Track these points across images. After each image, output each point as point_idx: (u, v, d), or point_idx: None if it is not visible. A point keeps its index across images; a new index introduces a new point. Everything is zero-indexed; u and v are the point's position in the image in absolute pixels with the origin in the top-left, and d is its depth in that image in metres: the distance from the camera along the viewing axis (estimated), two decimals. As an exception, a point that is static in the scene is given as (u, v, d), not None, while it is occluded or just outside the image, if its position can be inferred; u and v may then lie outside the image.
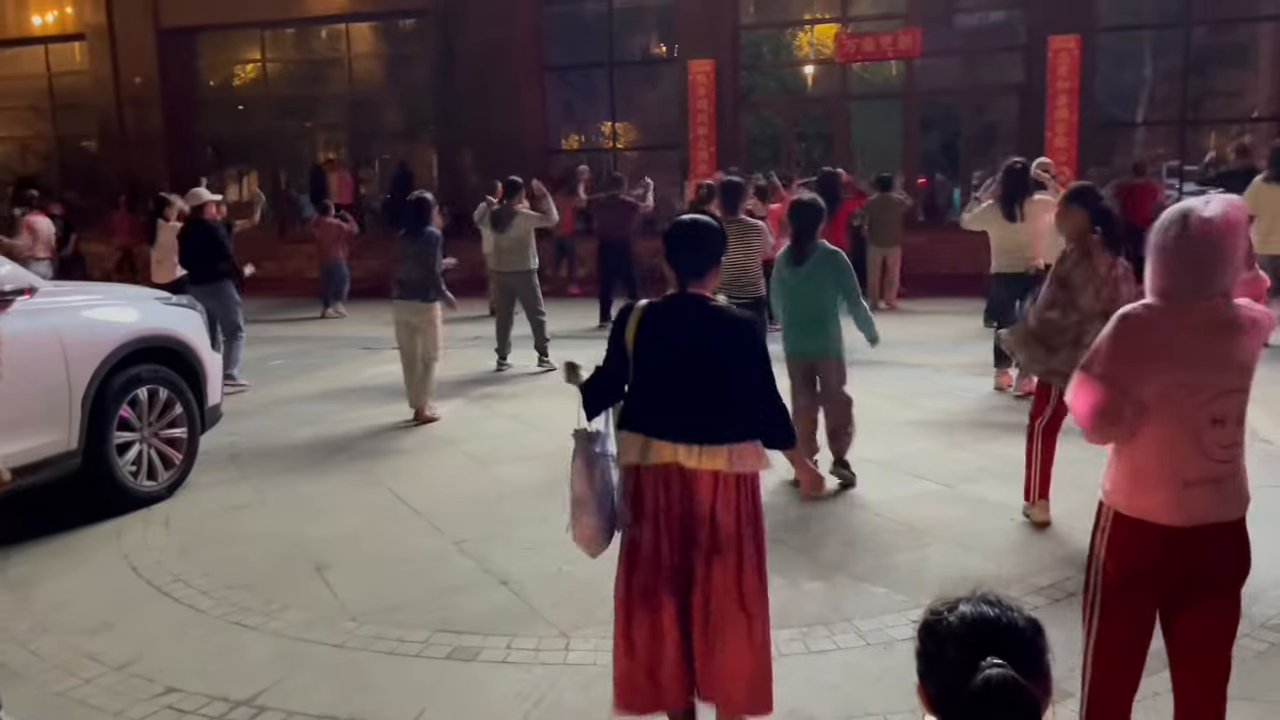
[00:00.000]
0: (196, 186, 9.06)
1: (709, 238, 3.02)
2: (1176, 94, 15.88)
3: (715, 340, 2.91)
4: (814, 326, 5.51)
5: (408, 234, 7.39)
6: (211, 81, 19.94)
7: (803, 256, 5.48)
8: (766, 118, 17.98)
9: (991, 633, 1.50)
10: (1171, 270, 2.42)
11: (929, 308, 11.99)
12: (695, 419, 2.88)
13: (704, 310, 2.97)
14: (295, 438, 7.11)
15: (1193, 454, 2.39)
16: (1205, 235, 2.36)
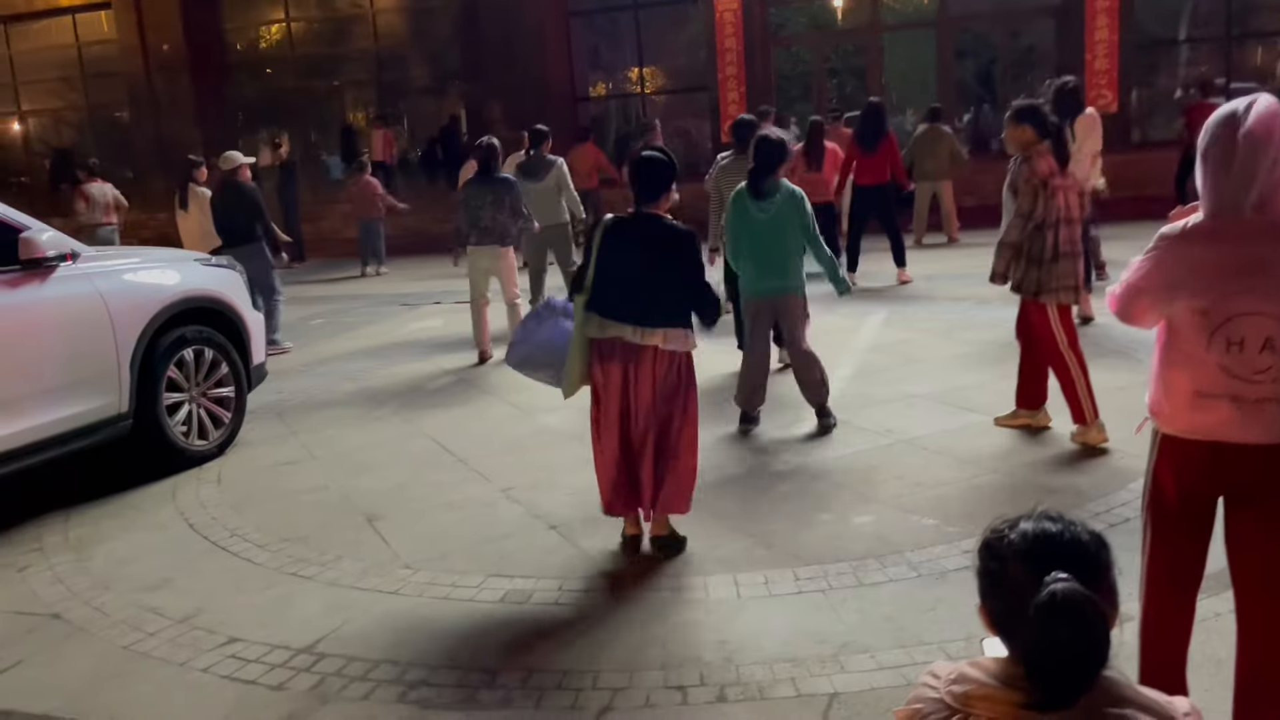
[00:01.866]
0: (228, 150, 9.07)
1: (660, 170, 3.97)
2: (1220, 9, 15.34)
3: (659, 249, 3.89)
4: (775, 265, 5.32)
5: (479, 182, 7.43)
6: (238, 45, 19.94)
7: (763, 193, 5.30)
8: (797, 54, 17.65)
9: (1055, 547, 1.46)
10: (1208, 181, 2.33)
11: (972, 239, 11.79)
12: (640, 308, 3.85)
13: (653, 226, 3.94)
14: (339, 393, 7.18)
15: (1211, 371, 2.33)
16: (1245, 140, 2.26)
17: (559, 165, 8.73)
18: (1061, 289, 4.79)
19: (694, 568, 3.91)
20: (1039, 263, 4.79)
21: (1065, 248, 4.77)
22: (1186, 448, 2.41)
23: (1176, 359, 2.40)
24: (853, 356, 6.91)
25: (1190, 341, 2.36)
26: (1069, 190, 4.81)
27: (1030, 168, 4.77)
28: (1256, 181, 2.26)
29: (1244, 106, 2.29)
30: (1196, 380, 2.36)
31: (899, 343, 7.31)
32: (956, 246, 11.57)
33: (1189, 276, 2.33)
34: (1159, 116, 15.29)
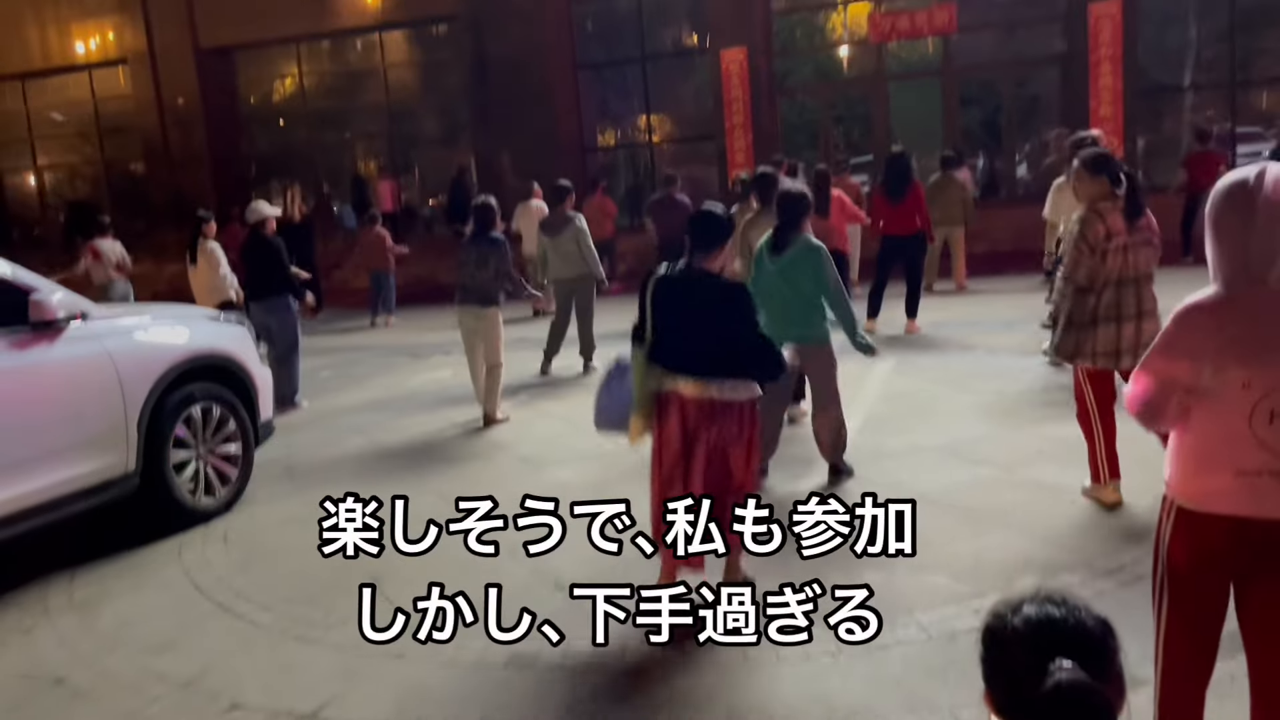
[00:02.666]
0: (255, 202, 9.12)
1: (715, 226, 4.03)
2: (1224, 55, 15.46)
3: (712, 304, 3.93)
4: (792, 315, 5.32)
5: (471, 241, 7.44)
6: (252, 98, 20.25)
7: (782, 247, 5.37)
8: (803, 103, 17.81)
9: (1059, 634, 1.43)
10: (1225, 251, 2.29)
11: (981, 286, 11.81)
12: (696, 362, 3.91)
13: (704, 281, 3.98)
14: (347, 448, 7.17)
15: (1250, 446, 2.28)
16: (1259, 208, 2.23)
17: (577, 221, 8.86)
18: (1100, 354, 4.61)
19: (700, 627, 3.86)
20: (1079, 325, 4.64)
21: (1107, 312, 4.58)
22: (1212, 523, 2.35)
23: (1210, 436, 2.34)
24: (862, 406, 6.87)
25: (1227, 417, 2.30)
26: (1136, 247, 4.56)
27: (1084, 228, 4.56)
28: (1278, 250, 2.24)
29: (1254, 175, 2.27)
30: (1234, 458, 2.30)
31: (909, 392, 7.28)
32: (965, 294, 11.58)
33: (1224, 350, 2.27)
34: (1164, 162, 15.33)
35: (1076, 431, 5.82)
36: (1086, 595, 3.78)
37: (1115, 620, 1.48)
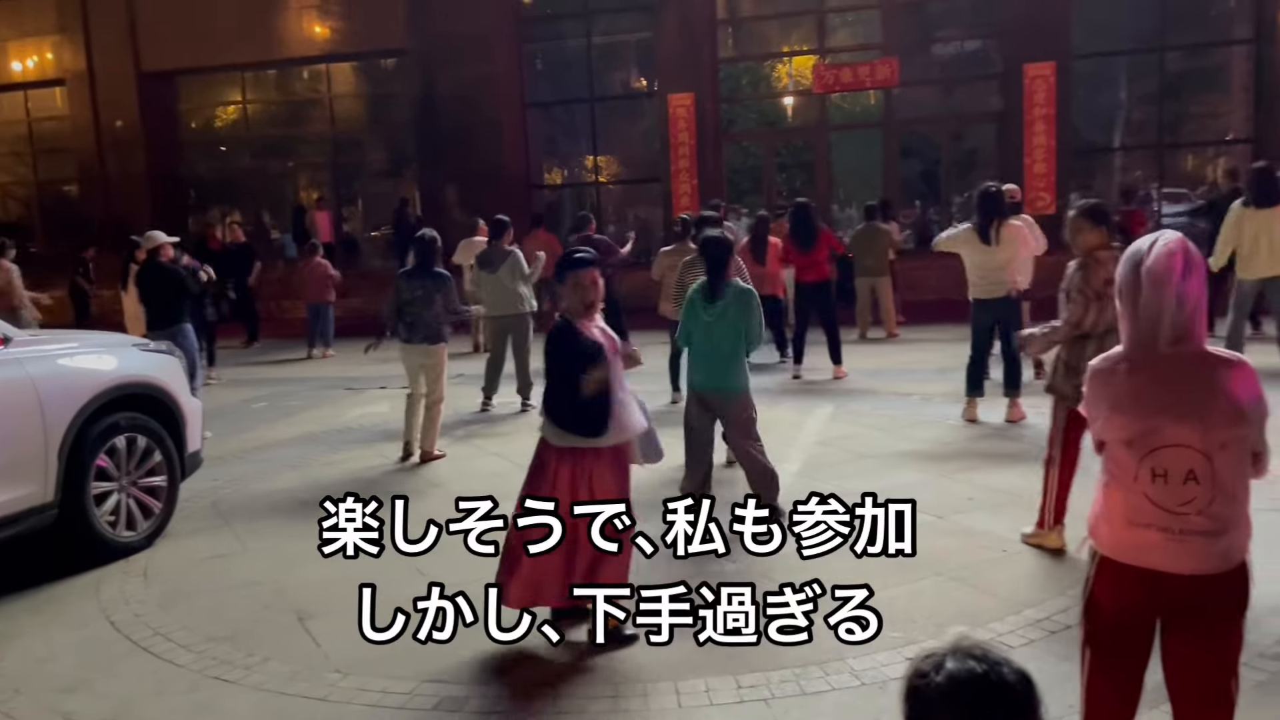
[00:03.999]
0: (151, 230, 8.87)
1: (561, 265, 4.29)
2: (1153, 118, 16.06)
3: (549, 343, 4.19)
4: (721, 362, 5.35)
5: (413, 275, 7.31)
6: (193, 123, 19.99)
7: (717, 294, 5.36)
8: (747, 149, 18.09)
9: (982, 692, 1.44)
10: (1123, 316, 2.44)
11: (917, 335, 12.00)
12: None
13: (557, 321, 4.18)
14: (278, 482, 7.01)
15: (1142, 502, 2.37)
16: (1147, 278, 2.36)
17: (514, 255, 8.82)
18: None
19: (635, 673, 3.82)
20: (1077, 371, 4.66)
21: None
22: (1123, 571, 2.43)
23: (1112, 485, 2.45)
24: (800, 450, 6.91)
25: (1121, 470, 2.41)
26: None
27: (1086, 275, 4.66)
28: (1164, 318, 2.33)
29: (1147, 245, 2.38)
30: (1128, 508, 2.40)
31: (845, 437, 7.34)
32: (896, 342, 11.72)
33: (1115, 408, 2.40)
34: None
35: (1007, 480, 5.94)
36: (1016, 644, 3.85)
37: (1042, 669, 1.49)
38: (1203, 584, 2.36)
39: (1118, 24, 16.03)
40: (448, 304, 7.25)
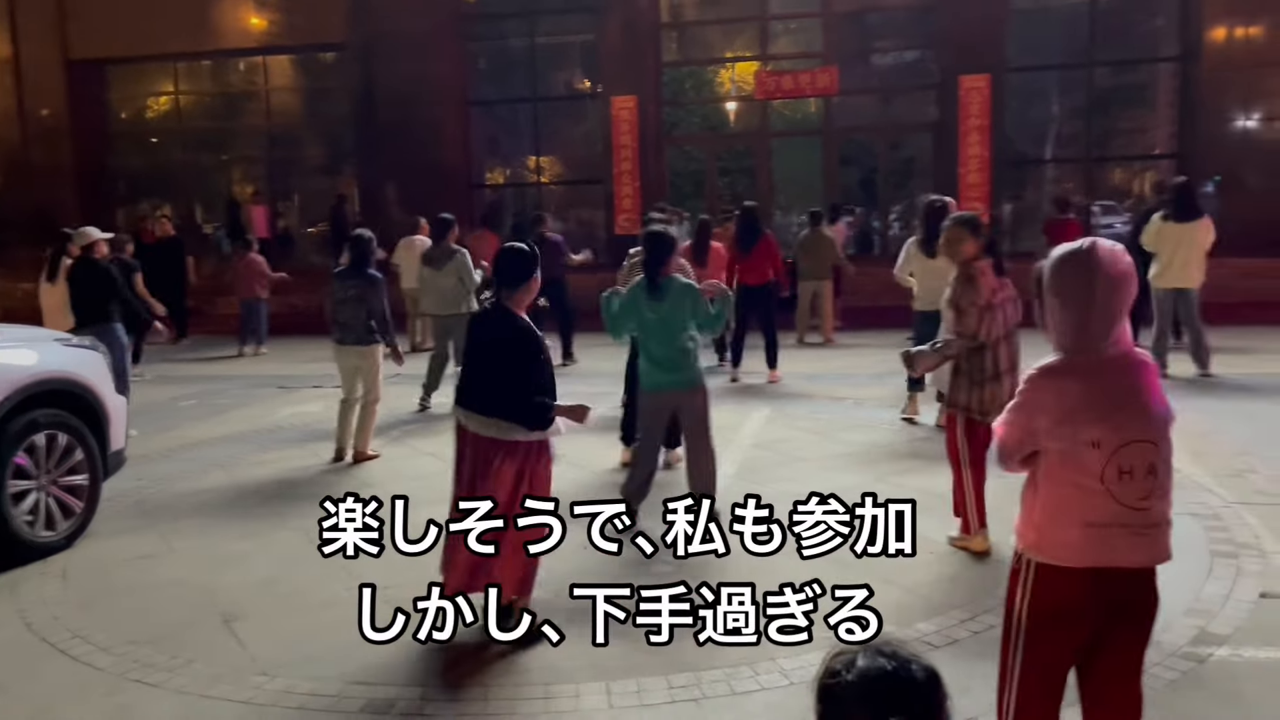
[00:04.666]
0: (84, 226, 8.66)
1: (518, 263, 4.16)
2: (1082, 132, 16.48)
3: (502, 342, 4.05)
4: (669, 361, 5.37)
5: (346, 275, 7.20)
6: (123, 114, 19.49)
7: (658, 290, 5.35)
8: (689, 153, 18.18)
9: (893, 689, 1.48)
10: (1068, 319, 2.43)
11: (853, 340, 12.16)
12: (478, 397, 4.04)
13: (503, 319, 4.09)
14: (206, 482, 6.86)
15: (1102, 500, 2.40)
16: (1108, 281, 2.39)
17: (461, 255, 8.74)
18: (996, 409, 4.72)
19: (567, 673, 3.81)
20: (980, 383, 4.80)
21: (1005, 365, 4.79)
22: (1070, 575, 2.44)
23: (1064, 492, 2.44)
24: (737, 452, 6.96)
25: (1081, 473, 2.41)
26: (1007, 303, 4.83)
27: (974, 290, 4.75)
28: (1119, 319, 2.40)
29: (1086, 248, 2.42)
30: (1087, 510, 2.41)
31: (781, 440, 7.41)
32: (833, 347, 11.83)
33: (1070, 413, 2.40)
34: (1028, 229, 16.16)
35: (938, 484, 6.02)
36: (940, 643, 3.90)
37: (964, 669, 1.52)
38: (1148, 576, 2.46)
39: (1050, 39, 16.45)
40: (375, 307, 7.11)
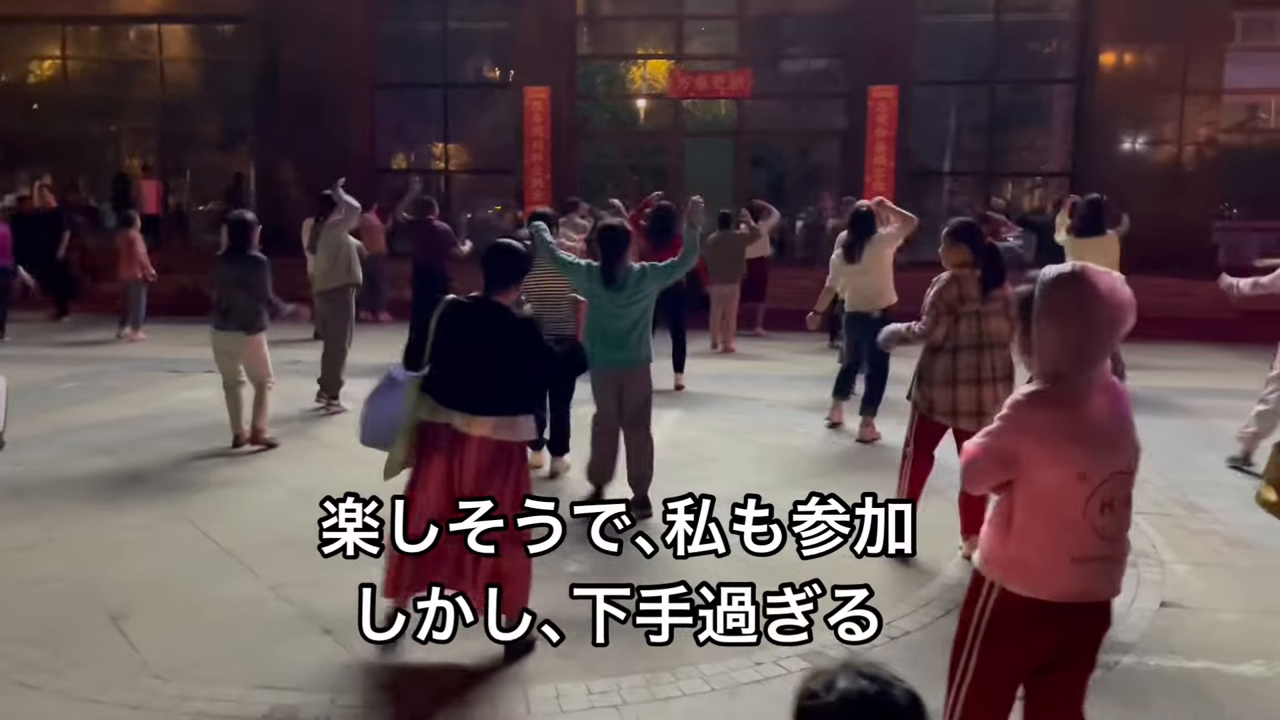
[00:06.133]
0: None
1: (512, 260, 4.02)
2: (981, 146, 16.99)
3: (504, 339, 3.86)
4: (620, 340, 5.47)
5: (227, 257, 6.90)
6: (3, 76, 18.39)
7: (615, 279, 5.44)
8: (601, 147, 18.08)
9: (874, 713, 1.44)
10: (1058, 344, 2.34)
11: (756, 348, 12.22)
12: (475, 397, 3.81)
13: (499, 315, 3.92)
14: (90, 468, 6.48)
15: (1085, 534, 2.36)
16: (1116, 309, 2.31)
17: (329, 229, 8.35)
18: (959, 414, 4.82)
19: (485, 678, 3.69)
20: (931, 383, 4.88)
21: (965, 374, 4.81)
22: (1038, 606, 2.39)
23: (1044, 524, 2.38)
24: (649, 453, 6.90)
25: (1064, 506, 2.35)
26: (991, 315, 4.82)
27: (942, 290, 4.82)
28: (1110, 349, 2.35)
29: (1079, 273, 2.33)
30: (1073, 544, 2.35)
31: (693, 440, 7.39)
32: (732, 356, 11.35)
33: (1063, 441, 2.33)
34: (930, 238, 16.56)
35: (855, 486, 6.09)
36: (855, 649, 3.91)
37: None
38: (1108, 606, 2.46)
39: (954, 55, 16.90)
40: (260, 290, 6.80)
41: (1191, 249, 14.32)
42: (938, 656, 3.81)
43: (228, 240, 7.11)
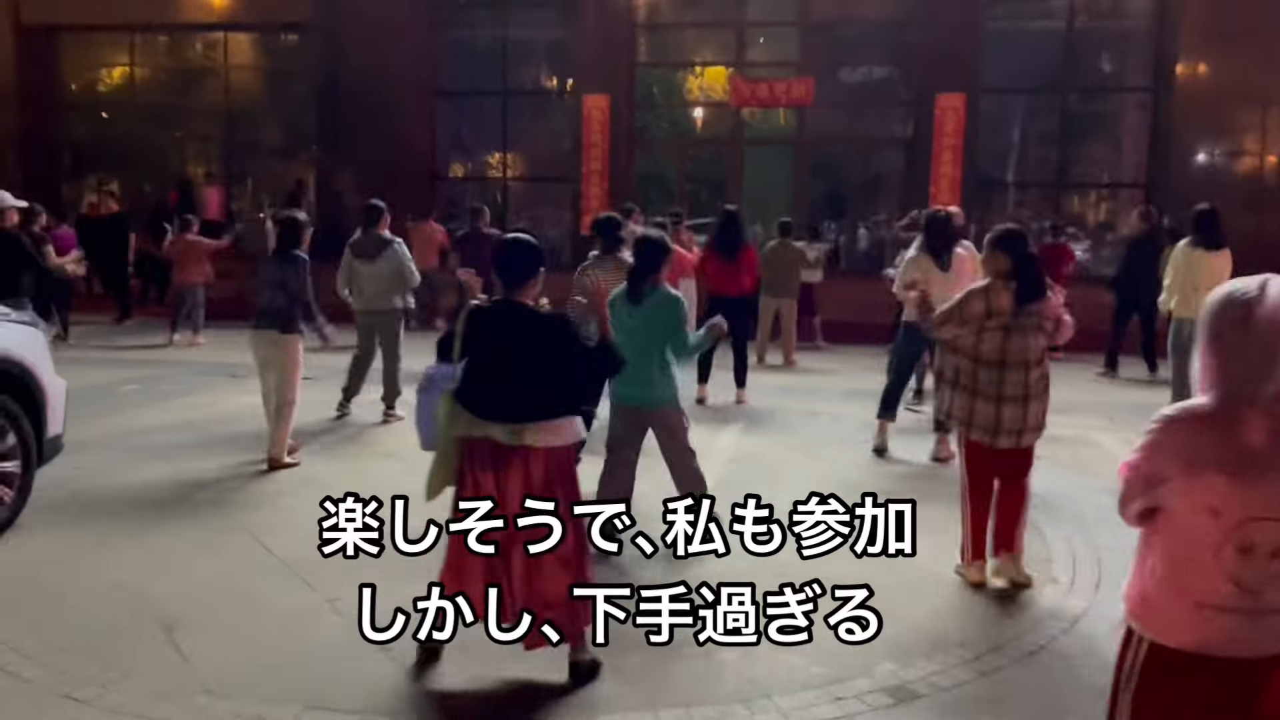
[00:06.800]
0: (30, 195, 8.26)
1: (524, 256, 3.76)
2: (1050, 157, 16.52)
3: (533, 339, 3.60)
4: (643, 372, 5.00)
5: (272, 258, 6.75)
6: (74, 84, 18.77)
7: (639, 296, 5.05)
8: (658, 157, 17.92)
9: None
10: (1218, 364, 2.12)
11: (821, 356, 11.97)
12: (512, 404, 3.56)
13: (522, 316, 3.67)
14: (147, 474, 6.42)
15: (1216, 580, 2.08)
16: (1258, 327, 2.06)
17: (396, 246, 8.05)
18: (975, 426, 4.58)
19: (548, 707, 3.50)
20: (952, 385, 4.67)
21: (986, 389, 4.54)
22: (1186, 660, 2.14)
23: (1177, 563, 2.14)
24: (714, 466, 6.62)
25: (1194, 544, 2.10)
26: (1024, 331, 4.52)
27: (965, 301, 4.58)
28: (1277, 369, 2.07)
29: (1256, 288, 2.09)
30: (1202, 589, 2.10)
31: (758, 454, 7.16)
32: (794, 370, 11.12)
33: (1195, 468, 2.08)
34: (992, 250, 16.14)
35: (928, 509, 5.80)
36: (947, 684, 3.65)
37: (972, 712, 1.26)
38: (1269, 666, 2.13)
39: (1022, 63, 16.46)
40: (296, 291, 6.55)
41: (1274, 264, 13.69)
42: (1027, 697, 3.58)
43: (275, 241, 6.96)
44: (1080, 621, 4.30)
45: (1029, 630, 4.19)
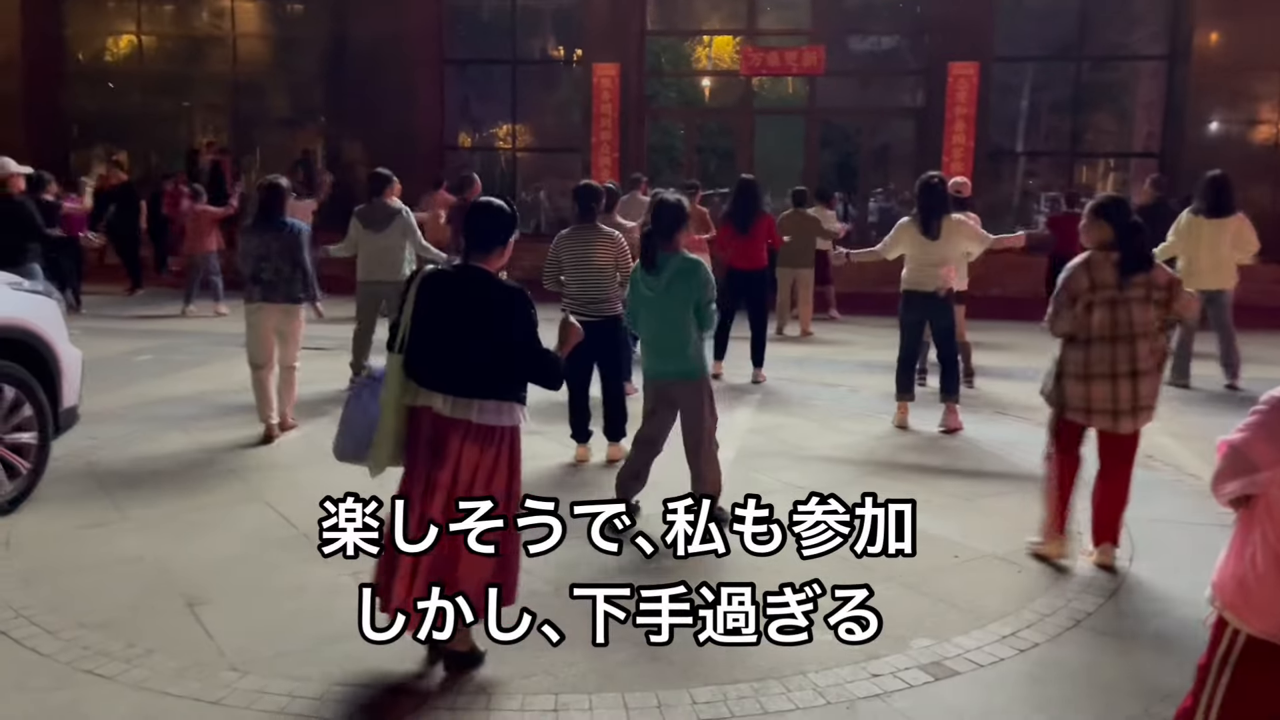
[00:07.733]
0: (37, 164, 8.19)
1: (495, 220, 3.52)
2: (1062, 126, 16.31)
3: (485, 309, 3.38)
4: (670, 344, 4.90)
5: (258, 228, 6.49)
6: (80, 53, 18.58)
7: (655, 264, 4.88)
8: (667, 127, 17.73)
9: None
10: None
11: (837, 327, 11.88)
12: (456, 376, 3.36)
13: (481, 282, 3.44)
14: (165, 445, 6.38)
15: None
16: None
17: (404, 215, 7.85)
18: (1092, 411, 4.39)
19: (576, 682, 3.45)
20: (1064, 376, 4.43)
21: (1099, 368, 4.32)
22: (1266, 649, 2.07)
23: (1265, 548, 2.06)
24: (733, 438, 6.57)
25: None
26: (1131, 303, 4.31)
27: (1068, 279, 4.36)
28: None
29: None
30: None
31: (776, 426, 7.08)
32: (810, 341, 11.02)
33: None
34: (1001, 222, 15.98)
35: (952, 482, 5.76)
36: (985, 661, 3.59)
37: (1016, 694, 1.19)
38: None
39: (1034, 31, 16.23)
40: (296, 258, 6.41)
41: (1291, 235, 13.57)
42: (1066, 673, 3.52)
43: (257, 210, 6.74)
44: (1116, 595, 4.24)
45: (1064, 605, 4.12)
